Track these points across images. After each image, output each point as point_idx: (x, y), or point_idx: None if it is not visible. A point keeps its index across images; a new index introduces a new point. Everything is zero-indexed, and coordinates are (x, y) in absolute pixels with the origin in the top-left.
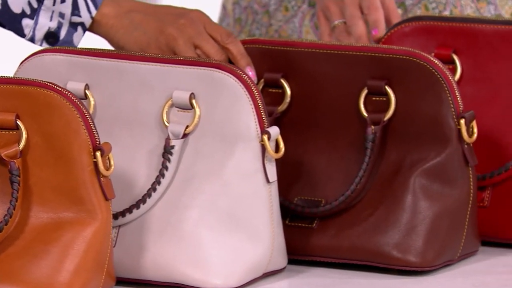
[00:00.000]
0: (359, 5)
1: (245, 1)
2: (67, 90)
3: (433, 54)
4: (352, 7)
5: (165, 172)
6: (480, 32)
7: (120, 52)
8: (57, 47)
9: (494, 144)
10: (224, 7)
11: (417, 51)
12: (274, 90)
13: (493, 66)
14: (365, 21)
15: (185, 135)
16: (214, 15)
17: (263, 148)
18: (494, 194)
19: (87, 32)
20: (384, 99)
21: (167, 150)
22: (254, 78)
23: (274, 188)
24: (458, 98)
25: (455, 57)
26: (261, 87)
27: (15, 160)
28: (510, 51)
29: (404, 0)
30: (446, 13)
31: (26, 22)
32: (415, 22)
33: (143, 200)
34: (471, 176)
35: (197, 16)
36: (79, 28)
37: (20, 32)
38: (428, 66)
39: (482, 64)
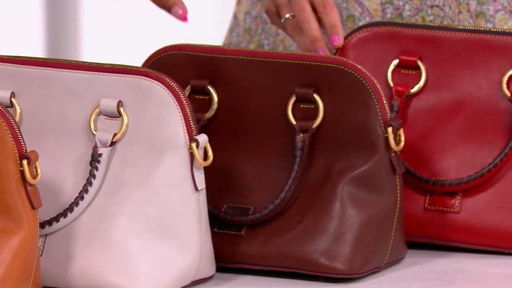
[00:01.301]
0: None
1: (255, 11)
2: None
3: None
4: None
5: (92, 180)
6: (445, 39)
7: (46, 60)
8: None
9: (461, 150)
10: (235, 16)
11: (344, 59)
12: (201, 97)
13: (458, 73)
14: (318, 19)
15: (112, 143)
16: (225, 24)
17: (192, 156)
18: (465, 200)
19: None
20: (312, 106)
21: (94, 158)
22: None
23: (202, 196)
24: (386, 106)
25: (420, 63)
26: (187, 94)
27: None
28: (475, 59)
29: (401, 11)
30: None
31: None
32: (377, 27)
33: (70, 208)
34: (398, 183)
35: None
36: None
37: None
38: (355, 74)
39: (447, 71)
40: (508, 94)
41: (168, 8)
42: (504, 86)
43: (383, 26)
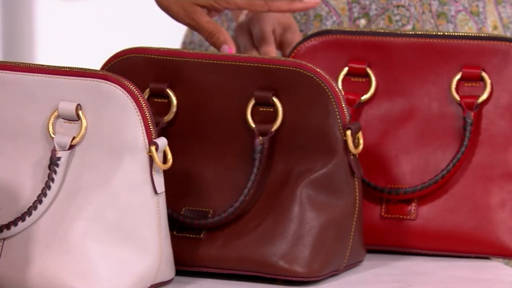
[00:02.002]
0: (250, 35)
1: None
2: None
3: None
4: (243, 38)
5: (51, 184)
6: (392, 45)
7: (4, 63)
8: None
9: (414, 156)
10: None
11: (304, 62)
12: (160, 100)
13: (408, 78)
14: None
15: (71, 147)
16: None
17: (151, 159)
18: (421, 207)
19: None
20: (272, 110)
21: (53, 162)
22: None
23: (162, 199)
24: (345, 109)
25: (369, 70)
26: (146, 97)
27: None
28: (423, 64)
29: (368, 10)
30: (409, 26)
31: None
32: (325, 36)
33: (28, 212)
34: (357, 186)
35: None
36: None
37: None
38: (314, 77)
39: (397, 77)
40: (457, 98)
41: (218, 46)
42: (453, 90)
43: (331, 34)
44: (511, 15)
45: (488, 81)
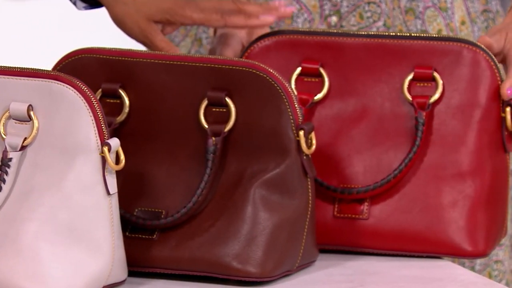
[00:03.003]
0: None
1: None
2: None
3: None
4: None
5: (2, 185)
6: (346, 45)
7: None
8: None
9: (367, 156)
10: None
11: (256, 62)
12: (112, 101)
13: (360, 79)
14: None
15: (23, 147)
16: None
17: (104, 160)
18: (373, 206)
19: None
20: (224, 110)
21: (4, 163)
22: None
23: (114, 200)
24: (297, 110)
25: (322, 70)
26: (98, 97)
27: None
28: (376, 64)
29: (339, 7)
30: (380, 23)
31: None
32: (278, 36)
33: None
34: (309, 187)
35: None
36: None
37: None
38: (267, 77)
39: (350, 77)
40: (410, 98)
41: None
42: (405, 90)
43: (285, 34)
44: (478, 10)
45: (440, 81)
